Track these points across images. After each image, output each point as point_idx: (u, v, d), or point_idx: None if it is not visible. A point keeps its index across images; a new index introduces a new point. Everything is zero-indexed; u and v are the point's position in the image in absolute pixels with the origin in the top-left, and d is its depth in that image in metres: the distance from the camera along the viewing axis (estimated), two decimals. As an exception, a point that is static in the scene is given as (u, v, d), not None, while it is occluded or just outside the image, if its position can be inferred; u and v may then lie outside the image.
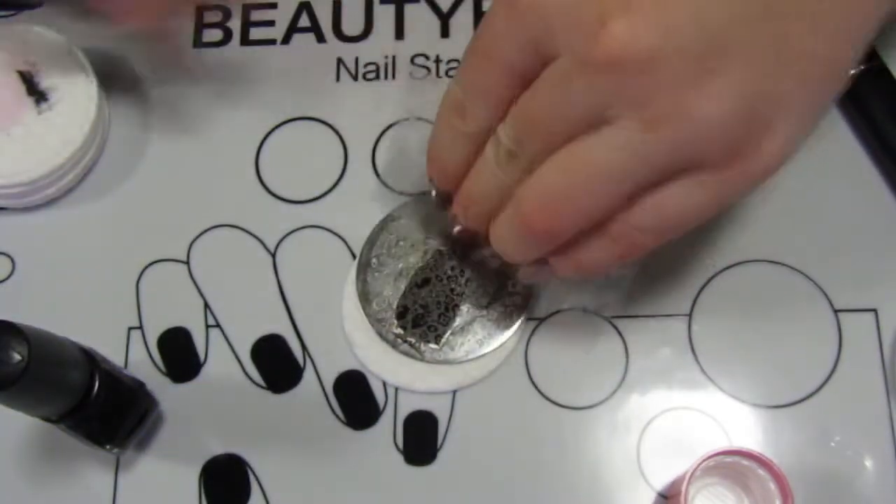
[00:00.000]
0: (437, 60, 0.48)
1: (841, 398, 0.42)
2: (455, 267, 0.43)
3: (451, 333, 0.42)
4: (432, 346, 0.42)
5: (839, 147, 0.46)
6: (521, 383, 0.43)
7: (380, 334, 0.43)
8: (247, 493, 0.41)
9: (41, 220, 0.46)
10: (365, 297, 0.43)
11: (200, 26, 0.50)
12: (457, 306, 0.43)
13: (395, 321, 0.43)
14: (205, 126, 0.48)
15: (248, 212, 0.46)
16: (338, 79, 0.49)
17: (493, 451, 0.42)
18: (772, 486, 0.37)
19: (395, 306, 0.43)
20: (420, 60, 0.49)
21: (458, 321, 0.43)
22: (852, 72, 0.36)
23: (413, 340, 0.42)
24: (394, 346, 0.42)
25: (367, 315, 0.43)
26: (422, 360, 0.42)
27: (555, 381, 0.43)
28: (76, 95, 0.45)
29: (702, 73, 0.30)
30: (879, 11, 0.32)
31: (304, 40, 0.50)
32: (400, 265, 0.44)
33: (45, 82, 0.46)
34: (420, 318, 0.43)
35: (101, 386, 0.37)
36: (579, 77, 0.31)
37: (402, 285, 0.43)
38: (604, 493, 0.41)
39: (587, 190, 0.32)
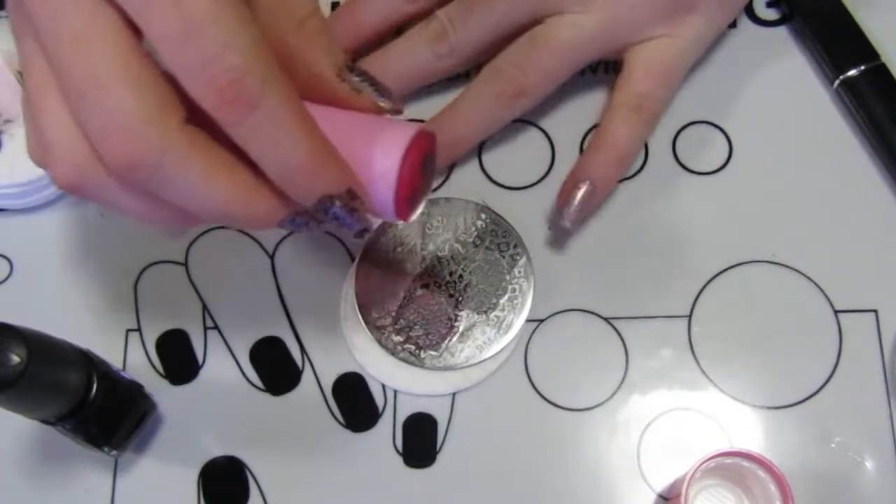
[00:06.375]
0: (436, 62, 0.48)
1: (841, 399, 0.41)
2: (454, 272, 0.43)
3: (451, 340, 0.42)
4: (432, 352, 0.42)
5: (839, 147, 0.46)
6: (521, 385, 0.42)
7: (379, 342, 0.42)
8: (245, 495, 0.41)
9: (40, 220, 0.46)
10: (364, 305, 0.43)
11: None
12: (456, 312, 0.43)
13: (394, 328, 0.42)
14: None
15: (247, 213, 0.46)
16: (336, 80, 0.48)
17: (492, 454, 0.42)
18: (772, 487, 0.37)
19: (393, 314, 0.43)
20: (419, 61, 0.48)
21: (457, 327, 0.42)
22: (853, 72, 0.41)
23: (412, 348, 0.42)
24: (393, 353, 0.42)
25: (366, 322, 0.42)
26: (422, 366, 0.42)
27: (555, 382, 0.42)
28: (74, 97, 0.45)
29: None
30: None
31: (302, 42, 0.49)
32: (398, 272, 0.43)
33: (43, 84, 0.46)
34: (419, 325, 0.42)
35: (99, 388, 0.37)
36: None
37: (401, 292, 0.43)
38: (604, 495, 0.41)
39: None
